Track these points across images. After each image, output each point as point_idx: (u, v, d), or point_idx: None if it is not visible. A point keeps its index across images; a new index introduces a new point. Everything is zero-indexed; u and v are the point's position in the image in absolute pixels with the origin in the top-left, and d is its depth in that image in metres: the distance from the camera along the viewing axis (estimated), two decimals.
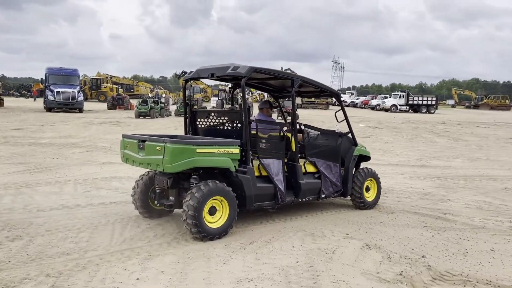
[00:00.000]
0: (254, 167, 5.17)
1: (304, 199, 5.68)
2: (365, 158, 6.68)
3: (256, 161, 5.26)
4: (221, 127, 5.56)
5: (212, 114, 5.72)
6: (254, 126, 5.51)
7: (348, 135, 6.41)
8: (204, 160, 4.62)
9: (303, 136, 6.27)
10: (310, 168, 5.91)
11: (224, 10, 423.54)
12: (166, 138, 4.58)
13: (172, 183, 4.96)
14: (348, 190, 6.20)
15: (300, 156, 5.84)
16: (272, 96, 7.17)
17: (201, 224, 4.58)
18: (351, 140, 6.44)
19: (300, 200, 5.62)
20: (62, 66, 31.35)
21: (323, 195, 5.90)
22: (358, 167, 6.57)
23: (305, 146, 6.11)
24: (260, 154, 5.25)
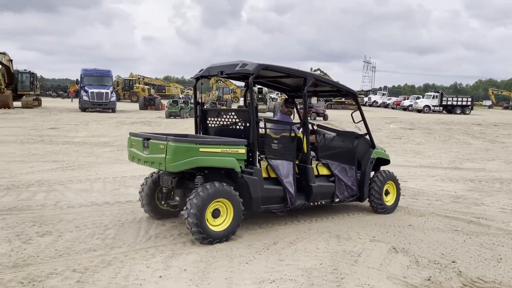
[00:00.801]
0: (262, 168, 5.02)
1: (316, 203, 5.44)
2: (384, 161, 6.44)
3: (264, 162, 5.11)
4: (231, 126, 5.41)
5: (222, 113, 5.60)
6: (274, 127, 5.45)
7: (365, 136, 6.17)
8: (207, 159, 4.47)
9: (316, 137, 5.99)
10: (324, 171, 5.69)
11: (254, 10, 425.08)
12: (168, 137, 4.48)
13: (177, 183, 4.84)
14: (365, 194, 5.96)
15: (313, 157, 5.68)
16: (288, 95, 6.90)
17: (202, 225, 4.41)
18: (369, 142, 6.21)
19: (312, 204, 5.39)
20: (97, 67, 32.20)
21: (337, 199, 5.68)
22: (377, 170, 6.31)
23: (318, 147, 5.88)
24: (269, 154, 5.10)
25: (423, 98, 49.99)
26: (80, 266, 3.84)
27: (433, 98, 46.56)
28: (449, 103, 45.91)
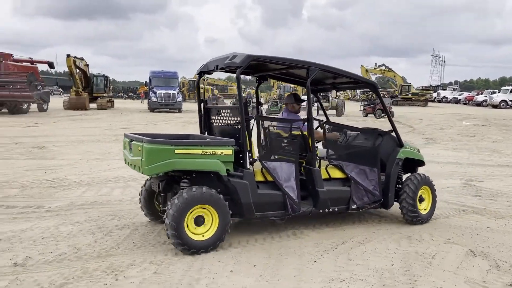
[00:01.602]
0: (257, 171, 4.63)
1: (326, 210, 4.82)
2: (418, 162, 5.62)
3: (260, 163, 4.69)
4: (233, 125, 4.93)
5: (221, 112, 5.11)
6: (280, 124, 5.12)
7: (391, 133, 5.39)
8: (185, 162, 4.11)
9: (325, 134, 5.32)
10: (336, 174, 5.05)
11: (315, 8, 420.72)
12: (145, 138, 4.15)
13: (165, 186, 4.53)
14: (389, 200, 5.18)
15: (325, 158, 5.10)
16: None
17: (181, 236, 4.06)
18: (396, 140, 5.41)
19: (321, 211, 4.79)
20: (164, 69, 33.55)
21: (354, 206, 5.00)
22: (413, 172, 5.58)
23: (330, 146, 5.21)
24: (265, 155, 4.77)
25: (499, 92, 46.69)
26: (156, 259, 4.05)
27: (510, 92, 43.34)
28: None
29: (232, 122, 4.82)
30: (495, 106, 42.32)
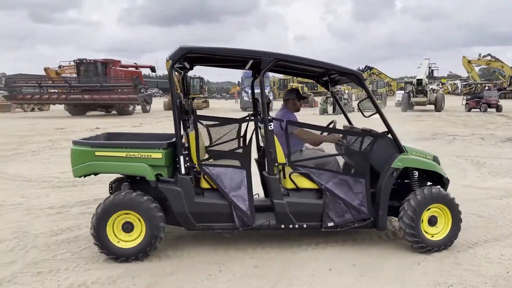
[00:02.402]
0: (201, 177, 4.13)
1: (290, 226, 4.10)
2: (433, 174, 4.45)
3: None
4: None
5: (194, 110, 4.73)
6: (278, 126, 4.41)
7: (388, 136, 4.30)
8: (105, 165, 3.95)
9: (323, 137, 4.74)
10: (305, 184, 4.22)
11: None
12: (74, 139, 4.09)
13: (115, 188, 4.32)
14: (380, 219, 4.15)
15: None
16: (321, 84, 5.36)
17: (105, 245, 3.88)
18: (393, 144, 4.29)
19: (283, 226, 4.10)
20: None
21: (330, 223, 4.13)
22: (422, 185, 4.40)
23: (291, 151, 4.27)
24: (208, 160, 4.27)
25: None
26: (255, 253, 4.19)
27: None
28: None
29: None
30: None
